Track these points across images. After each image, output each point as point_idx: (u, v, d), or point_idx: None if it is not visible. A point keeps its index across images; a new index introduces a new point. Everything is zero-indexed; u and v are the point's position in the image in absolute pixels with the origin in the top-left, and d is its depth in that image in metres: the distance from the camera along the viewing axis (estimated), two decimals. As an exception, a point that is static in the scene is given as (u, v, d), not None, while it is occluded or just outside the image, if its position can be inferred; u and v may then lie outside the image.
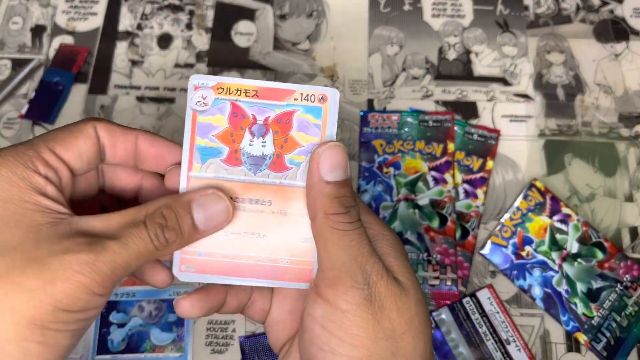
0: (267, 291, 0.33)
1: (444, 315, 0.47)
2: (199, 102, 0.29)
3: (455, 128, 0.52)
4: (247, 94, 0.29)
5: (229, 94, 0.29)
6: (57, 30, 0.58)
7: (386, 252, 0.29)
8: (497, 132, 0.53)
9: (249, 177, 0.30)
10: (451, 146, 0.51)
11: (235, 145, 0.30)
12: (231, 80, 0.30)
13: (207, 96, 0.29)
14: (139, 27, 0.59)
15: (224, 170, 0.30)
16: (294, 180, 0.30)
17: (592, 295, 0.47)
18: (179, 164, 0.30)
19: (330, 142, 0.29)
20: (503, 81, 0.56)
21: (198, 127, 0.29)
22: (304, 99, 0.30)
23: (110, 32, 0.58)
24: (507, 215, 0.50)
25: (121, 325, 0.46)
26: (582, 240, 0.48)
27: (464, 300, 0.47)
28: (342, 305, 0.27)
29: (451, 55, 0.57)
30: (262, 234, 0.30)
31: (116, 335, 0.46)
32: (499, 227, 0.49)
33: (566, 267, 0.48)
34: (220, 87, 0.29)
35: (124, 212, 0.27)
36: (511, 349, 0.46)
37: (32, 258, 0.24)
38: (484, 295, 0.47)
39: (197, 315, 0.31)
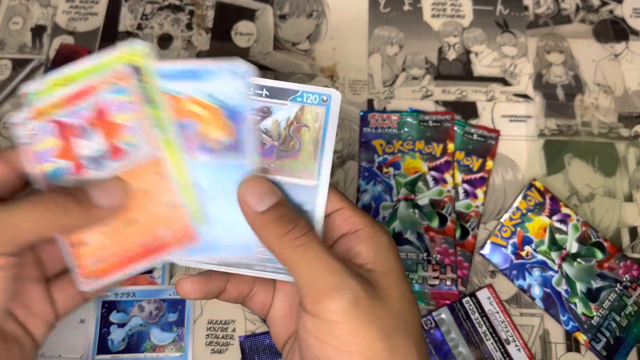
0: (269, 285, 0.34)
1: (444, 315, 0.47)
2: (25, 134, 0.30)
3: (455, 128, 0.52)
4: (63, 106, 0.30)
5: (47, 114, 0.30)
6: (58, 30, 0.58)
7: (363, 251, 0.29)
8: (496, 132, 0.53)
9: (99, 174, 0.30)
10: (451, 146, 0.51)
11: (74, 155, 0.31)
12: (43, 102, 0.30)
13: (31, 125, 0.30)
14: (139, 27, 0.59)
15: (76, 182, 0.31)
16: (136, 159, 0.31)
17: (591, 295, 0.47)
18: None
19: (246, 178, 0.30)
20: (503, 81, 0.56)
21: (36, 156, 0.30)
22: (109, 85, 0.30)
23: (110, 32, 0.58)
24: (506, 215, 0.50)
25: (121, 325, 0.46)
26: (582, 240, 0.48)
27: (464, 300, 0.47)
28: (330, 316, 0.27)
29: (451, 55, 0.57)
30: (135, 219, 0.31)
31: (116, 335, 0.46)
32: (498, 227, 0.49)
33: (566, 267, 0.48)
34: (38, 113, 0.30)
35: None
36: (511, 348, 0.46)
37: None
38: (483, 295, 0.47)
39: (195, 297, 0.32)
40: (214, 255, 0.31)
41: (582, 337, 0.46)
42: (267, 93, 0.31)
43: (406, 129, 0.52)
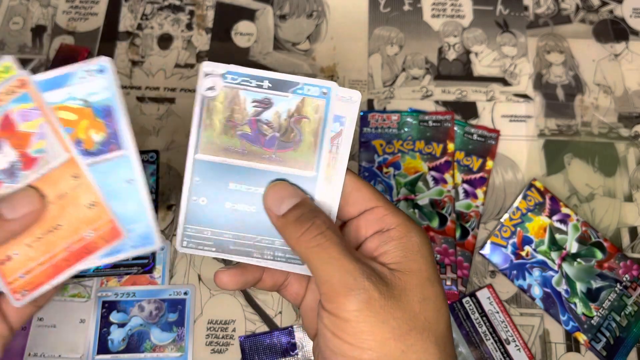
0: (303, 277, 0.35)
1: (444, 315, 0.47)
2: None
3: (455, 128, 0.52)
4: None
5: None
6: (58, 31, 0.58)
7: (391, 250, 0.30)
8: (496, 132, 0.53)
9: (13, 187, 0.30)
10: (451, 146, 0.51)
11: None
12: None
13: None
14: (139, 27, 0.59)
15: None
16: (48, 164, 0.30)
17: (591, 295, 0.47)
18: None
19: (269, 185, 0.31)
20: (503, 81, 0.56)
21: None
22: (8, 94, 0.30)
23: (110, 32, 0.58)
24: (506, 215, 0.50)
25: (121, 325, 0.46)
26: (582, 240, 0.48)
27: (464, 300, 0.47)
28: (344, 314, 0.27)
29: (451, 55, 0.57)
30: (57, 225, 0.31)
31: (116, 335, 0.46)
32: (498, 227, 0.49)
33: (566, 267, 0.48)
34: None
35: None
36: (511, 348, 0.46)
37: None
38: (483, 295, 0.47)
39: (233, 288, 0.33)
40: (117, 256, 0.32)
41: (582, 337, 0.46)
42: (269, 85, 0.31)
43: (406, 129, 0.52)
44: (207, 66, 0.31)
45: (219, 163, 0.31)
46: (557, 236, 0.49)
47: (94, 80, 0.30)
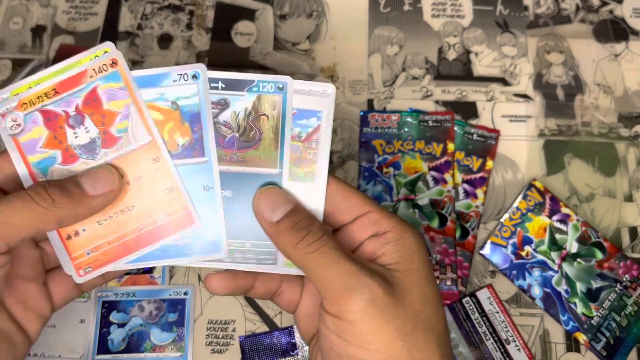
0: (297, 284, 0.34)
1: (444, 315, 0.47)
2: (12, 126, 0.30)
3: (455, 128, 0.52)
4: (49, 96, 0.30)
5: (34, 105, 0.30)
6: (58, 31, 0.58)
7: (389, 252, 0.30)
8: (496, 132, 0.53)
9: (92, 162, 0.30)
10: (451, 146, 0.51)
11: (64, 144, 0.30)
12: (28, 93, 0.30)
13: (16, 117, 0.30)
14: (139, 27, 0.59)
15: (67, 171, 0.30)
16: (129, 145, 0.30)
17: (591, 295, 0.47)
18: None
19: (260, 190, 0.30)
20: (503, 81, 0.56)
21: (24, 148, 0.30)
22: (99, 71, 0.30)
23: (110, 32, 0.58)
24: (506, 215, 0.50)
25: (121, 325, 0.46)
26: (582, 240, 0.48)
27: (464, 300, 0.47)
28: (349, 316, 0.27)
29: (451, 55, 0.57)
30: (130, 206, 0.31)
31: (116, 335, 0.46)
32: (498, 227, 0.49)
33: (566, 267, 0.48)
34: (24, 103, 0.30)
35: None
36: (511, 348, 0.46)
37: None
38: (483, 295, 0.47)
39: (222, 292, 0.33)
40: (182, 258, 0.32)
41: (582, 337, 0.46)
42: (223, 85, 0.31)
43: (406, 129, 0.52)
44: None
45: None
46: (557, 236, 0.49)
47: (187, 85, 0.30)
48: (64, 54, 0.57)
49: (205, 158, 0.31)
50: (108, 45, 0.30)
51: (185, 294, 0.47)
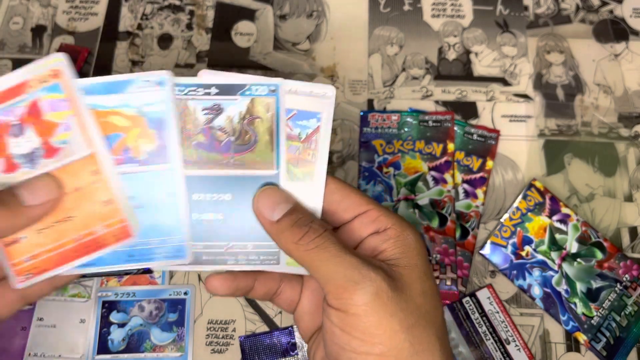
0: (296, 283, 0.35)
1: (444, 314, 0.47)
2: None
3: (455, 128, 0.52)
4: None
5: None
6: (58, 30, 0.58)
7: (389, 248, 0.30)
8: (496, 132, 0.53)
9: (32, 172, 0.30)
10: (451, 146, 0.51)
11: (5, 153, 0.30)
12: None
13: None
14: (139, 27, 0.59)
15: (7, 179, 0.30)
16: (70, 156, 0.30)
17: (591, 295, 0.47)
18: None
19: (261, 189, 0.31)
20: (503, 81, 0.56)
21: None
22: (41, 82, 0.30)
23: (110, 32, 0.58)
24: (506, 215, 0.50)
25: (121, 325, 0.46)
26: (582, 240, 0.48)
27: (464, 300, 0.47)
28: (353, 310, 0.28)
29: (451, 55, 0.57)
30: (69, 216, 0.31)
31: (116, 335, 0.46)
32: (498, 227, 0.49)
33: (566, 267, 0.48)
34: None
35: None
36: (511, 348, 0.46)
37: None
38: (483, 295, 0.47)
39: (224, 293, 0.33)
40: (146, 263, 0.32)
41: (582, 337, 0.46)
42: (217, 91, 0.31)
43: (406, 129, 0.53)
44: None
45: None
46: (557, 236, 0.49)
47: (152, 91, 0.30)
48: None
49: (169, 164, 0.31)
50: (57, 56, 0.30)
51: (185, 293, 0.47)
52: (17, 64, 0.57)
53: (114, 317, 0.46)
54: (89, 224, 0.31)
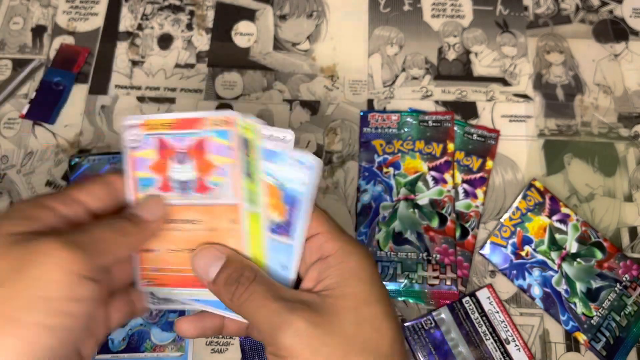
0: None
1: (444, 314, 0.47)
2: (132, 139, 0.32)
3: (455, 128, 0.52)
4: (168, 127, 0.32)
5: (154, 129, 0.32)
6: (58, 31, 0.59)
7: (329, 277, 0.30)
8: (496, 132, 0.53)
9: (180, 200, 0.32)
10: (451, 146, 0.52)
11: (165, 173, 0.32)
12: (154, 116, 0.32)
13: (138, 134, 0.32)
14: (140, 27, 0.59)
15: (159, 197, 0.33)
16: (216, 199, 0.32)
17: (591, 295, 0.47)
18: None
19: (194, 252, 0.32)
20: (503, 81, 0.56)
21: (135, 162, 0.32)
22: (214, 124, 0.31)
23: (110, 32, 0.58)
24: (506, 215, 0.50)
25: (121, 325, 0.46)
26: (582, 240, 0.48)
27: (464, 300, 0.47)
28: (282, 352, 0.28)
29: (451, 55, 0.57)
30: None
31: (116, 335, 0.46)
32: (498, 227, 0.49)
33: (565, 266, 0.48)
34: (147, 124, 0.32)
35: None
36: (511, 348, 0.46)
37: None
38: (483, 295, 0.47)
39: (192, 335, 0.34)
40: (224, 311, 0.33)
41: (581, 337, 0.46)
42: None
43: (406, 129, 0.53)
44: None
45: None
46: (557, 236, 0.49)
47: (298, 170, 0.31)
48: (64, 54, 0.57)
49: (291, 241, 0.31)
50: (234, 114, 0.31)
51: (186, 293, 0.47)
52: (18, 64, 0.57)
53: (114, 317, 0.46)
54: None
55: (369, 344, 0.29)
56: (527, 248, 0.48)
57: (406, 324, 0.46)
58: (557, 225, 0.49)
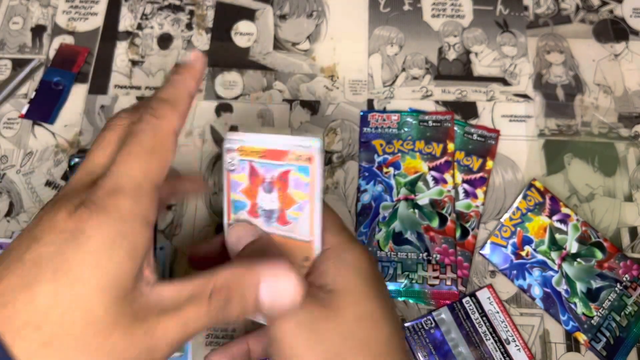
0: None
1: (444, 315, 0.47)
2: (230, 162, 0.33)
3: (455, 128, 0.52)
4: (258, 155, 0.33)
5: (247, 155, 0.33)
6: (58, 30, 0.58)
7: (328, 270, 0.30)
8: (496, 132, 0.53)
9: (265, 227, 0.33)
10: (451, 146, 0.51)
11: (254, 199, 0.33)
12: (248, 142, 0.33)
13: (235, 157, 0.33)
14: (139, 27, 0.59)
15: (248, 219, 0.34)
16: (292, 233, 0.33)
17: (591, 295, 0.47)
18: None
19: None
20: (503, 81, 0.56)
21: (231, 184, 0.34)
22: (296, 159, 0.32)
23: (110, 32, 0.58)
24: (506, 215, 0.50)
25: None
26: (582, 240, 0.48)
27: (464, 300, 0.47)
28: (279, 337, 0.29)
29: (451, 55, 0.57)
30: None
31: (116, 335, 0.46)
32: (498, 227, 0.49)
33: (566, 266, 0.48)
34: (241, 149, 0.33)
35: (193, 283, 0.26)
36: (511, 348, 0.46)
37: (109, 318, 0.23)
38: (483, 295, 0.47)
39: None
40: None
41: (582, 337, 0.46)
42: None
43: (406, 129, 0.52)
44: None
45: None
46: (557, 236, 0.49)
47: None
48: (64, 54, 0.57)
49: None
50: (317, 140, 0.32)
51: (185, 294, 0.47)
52: (17, 63, 0.57)
53: (114, 317, 0.46)
54: None
55: (368, 341, 0.29)
56: (527, 248, 0.48)
57: (406, 324, 0.46)
58: (557, 225, 0.49)
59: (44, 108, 0.54)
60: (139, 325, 0.23)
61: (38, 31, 0.58)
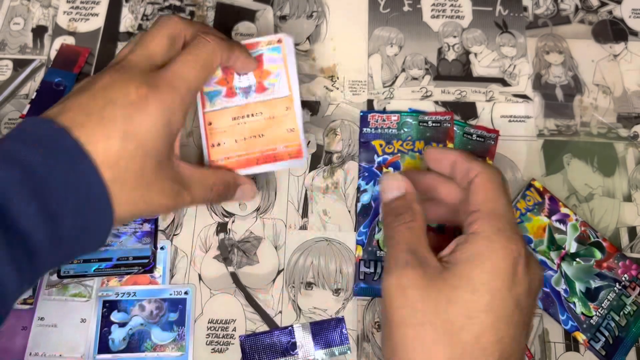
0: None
1: (443, 314, 0.47)
2: None
3: (455, 128, 0.53)
4: None
5: None
6: (59, 31, 0.59)
7: (461, 251, 0.35)
8: (496, 132, 0.53)
9: (244, 100, 0.45)
10: (450, 146, 0.52)
11: (230, 84, 0.45)
12: None
13: None
14: (140, 27, 0.59)
15: (225, 102, 0.45)
16: (273, 94, 0.45)
17: (590, 295, 0.47)
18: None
19: (384, 175, 0.48)
20: (502, 82, 0.56)
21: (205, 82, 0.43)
22: (267, 44, 0.45)
23: (111, 32, 0.59)
24: (506, 215, 0.50)
25: (122, 325, 0.46)
26: (581, 240, 0.49)
27: (463, 300, 0.47)
28: (393, 292, 0.34)
29: (450, 55, 0.58)
30: (261, 134, 0.45)
31: (117, 335, 0.46)
32: (498, 227, 0.49)
33: (565, 266, 0.48)
34: None
35: (203, 173, 0.41)
36: (510, 348, 0.46)
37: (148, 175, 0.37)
38: (483, 295, 0.47)
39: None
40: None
41: (581, 337, 0.46)
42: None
43: (406, 129, 0.53)
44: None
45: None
46: (556, 236, 0.49)
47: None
48: (65, 54, 0.57)
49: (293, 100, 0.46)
50: (283, 35, 0.46)
51: (186, 293, 0.47)
52: (18, 64, 0.57)
53: (115, 316, 0.46)
54: (274, 142, 0.44)
55: (460, 332, 0.32)
56: (526, 248, 0.48)
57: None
58: (557, 225, 0.49)
59: (45, 108, 0.54)
60: (171, 169, 0.38)
61: (39, 32, 0.59)
